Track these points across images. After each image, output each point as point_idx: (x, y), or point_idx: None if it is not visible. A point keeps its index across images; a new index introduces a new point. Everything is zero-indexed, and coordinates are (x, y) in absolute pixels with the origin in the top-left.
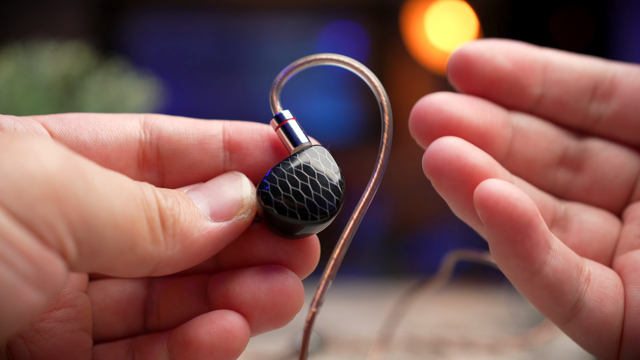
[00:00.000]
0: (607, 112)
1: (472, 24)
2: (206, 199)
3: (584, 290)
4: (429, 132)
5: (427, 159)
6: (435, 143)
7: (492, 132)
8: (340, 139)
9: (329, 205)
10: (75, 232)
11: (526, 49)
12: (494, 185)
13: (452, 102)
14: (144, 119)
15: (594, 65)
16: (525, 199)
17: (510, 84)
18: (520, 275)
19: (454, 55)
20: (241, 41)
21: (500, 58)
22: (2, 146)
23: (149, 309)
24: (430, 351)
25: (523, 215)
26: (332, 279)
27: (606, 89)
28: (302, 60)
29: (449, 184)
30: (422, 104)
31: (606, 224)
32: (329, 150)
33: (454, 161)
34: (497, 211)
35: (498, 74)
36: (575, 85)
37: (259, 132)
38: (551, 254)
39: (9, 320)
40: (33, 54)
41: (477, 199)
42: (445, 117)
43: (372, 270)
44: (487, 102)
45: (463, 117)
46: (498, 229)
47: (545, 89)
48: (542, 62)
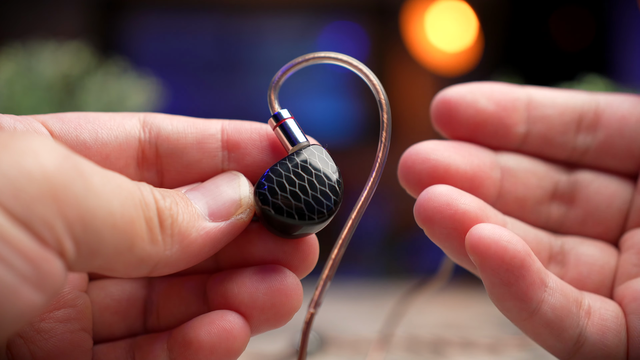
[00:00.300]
0: (594, 143)
1: (472, 24)
2: (204, 198)
3: (585, 325)
4: (418, 181)
5: (418, 208)
6: (424, 192)
7: (481, 175)
8: (340, 138)
9: (327, 205)
10: (74, 231)
11: (507, 88)
12: (484, 230)
13: (438, 150)
14: (143, 118)
15: (576, 98)
16: (516, 240)
17: (495, 125)
18: (519, 315)
19: (437, 101)
20: (241, 41)
21: (483, 101)
22: (1, 145)
23: (149, 308)
24: (430, 351)
25: (515, 257)
26: (331, 280)
27: (591, 121)
28: (300, 58)
29: (441, 232)
30: (409, 154)
31: (603, 255)
32: (326, 150)
33: (445, 209)
34: (489, 255)
35: (481, 116)
36: (559, 119)
37: (258, 131)
38: (548, 291)
39: (8, 320)
40: (33, 54)
41: (469, 245)
42: (432, 166)
43: (372, 270)
44: (473, 145)
45: (450, 164)
46: (491, 272)
47: (529, 127)
48: (524, 100)
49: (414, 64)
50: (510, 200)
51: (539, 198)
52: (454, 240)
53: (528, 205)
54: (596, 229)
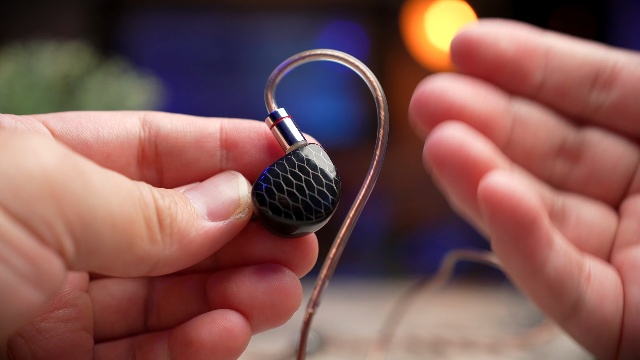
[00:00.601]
0: (607, 101)
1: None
2: (203, 198)
3: (585, 289)
4: (431, 118)
5: (429, 148)
6: (437, 132)
7: (494, 120)
8: (338, 138)
9: (324, 204)
10: (73, 230)
11: (529, 33)
12: (499, 180)
13: (454, 89)
14: (143, 116)
15: (595, 53)
16: (530, 195)
17: (513, 69)
18: (522, 272)
19: (457, 37)
20: (241, 41)
21: (504, 42)
22: (1, 144)
23: (150, 308)
24: (430, 351)
25: (528, 213)
26: (329, 279)
27: (607, 78)
28: (297, 56)
29: (450, 175)
30: (424, 90)
31: (604, 218)
32: (324, 148)
33: (457, 152)
34: (501, 207)
35: (501, 58)
36: (576, 72)
37: (256, 130)
38: (553, 251)
39: (7, 320)
40: (33, 54)
41: (482, 193)
42: (447, 104)
43: (372, 270)
44: (489, 88)
45: (466, 105)
46: (501, 225)
47: (546, 75)
48: (544, 48)
49: (414, 64)
50: (518, 149)
51: (546, 151)
52: (463, 184)
53: (534, 158)
54: (598, 190)
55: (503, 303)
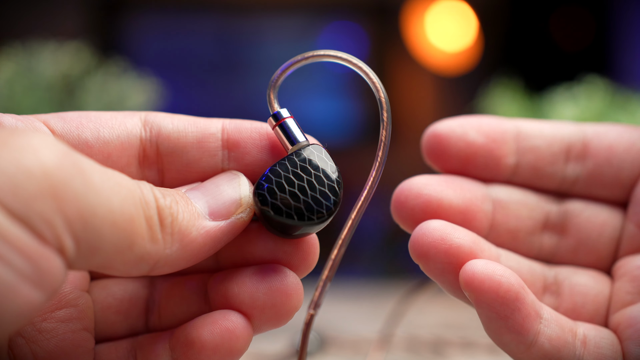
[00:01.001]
0: (583, 172)
1: (472, 24)
2: (204, 198)
3: (582, 354)
4: (411, 216)
5: (412, 244)
6: (418, 228)
7: (473, 208)
8: (340, 138)
9: (326, 205)
10: (73, 228)
11: (496, 121)
12: (477, 265)
13: (430, 185)
14: (144, 117)
15: (564, 129)
16: (509, 274)
17: (485, 157)
18: (517, 349)
19: (427, 135)
20: (241, 41)
21: (472, 133)
22: (1, 142)
23: (151, 308)
24: (431, 351)
25: (509, 291)
26: (330, 281)
27: (579, 150)
28: (300, 57)
29: (436, 267)
30: (402, 189)
31: (597, 283)
32: (326, 149)
33: (439, 244)
34: (483, 290)
35: (472, 149)
36: (548, 150)
37: (258, 130)
38: (543, 323)
39: (7, 319)
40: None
41: (463, 281)
42: (425, 200)
43: (372, 271)
44: (465, 179)
45: (443, 198)
46: (487, 307)
47: (519, 158)
48: (513, 132)
49: (414, 64)
50: (503, 232)
51: (530, 229)
52: (449, 274)
53: (520, 237)
54: (588, 258)
55: None
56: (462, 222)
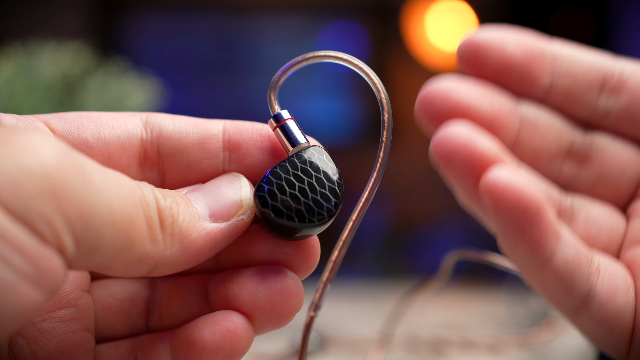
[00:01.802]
0: (616, 107)
1: (472, 24)
2: (205, 199)
3: (595, 282)
4: (437, 117)
5: (435, 144)
6: (443, 129)
7: (500, 120)
8: (340, 139)
9: (327, 207)
10: (73, 228)
11: (536, 39)
12: (500, 174)
13: (460, 88)
14: (145, 117)
15: (602, 60)
16: (532, 187)
17: (520, 73)
18: (530, 264)
19: (465, 42)
20: (241, 41)
21: (511, 46)
22: (1, 141)
23: (151, 308)
24: (431, 351)
25: (530, 203)
26: (331, 282)
27: (615, 84)
28: (300, 57)
29: (457, 171)
30: (430, 90)
31: (612, 218)
32: (327, 151)
33: (463, 148)
34: (503, 200)
35: (508, 62)
36: (584, 77)
37: (259, 132)
38: (561, 243)
39: (7, 319)
40: (33, 54)
41: (483, 187)
42: (453, 103)
43: (372, 270)
44: (495, 89)
45: (471, 104)
46: (505, 218)
47: (554, 80)
48: (551, 53)
49: (414, 64)
50: (525, 150)
51: (553, 153)
52: (469, 180)
53: (542, 158)
54: (606, 193)
55: (503, 303)
56: (487, 131)
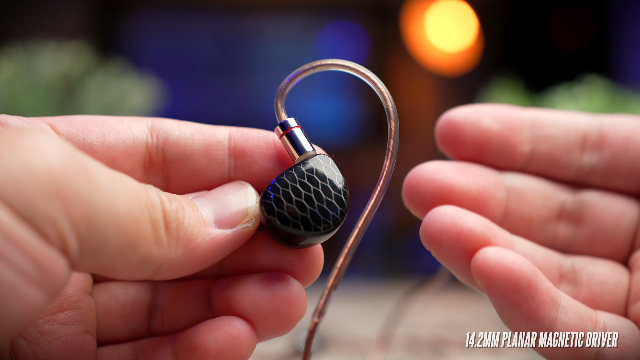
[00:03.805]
0: (600, 163)
1: (472, 24)
2: (211, 205)
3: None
4: (423, 201)
5: (424, 229)
6: (429, 213)
7: (486, 195)
8: (340, 139)
9: (332, 216)
10: (78, 228)
11: (511, 109)
12: (488, 253)
13: (442, 170)
14: (151, 123)
15: (579, 119)
16: (521, 261)
17: (500, 144)
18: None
19: (442, 122)
20: (241, 41)
21: (487, 120)
22: (6, 141)
23: (154, 312)
24: (431, 351)
25: (521, 277)
26: (335, 289)
27: (595, 140)
28: (307, 66)
29: (448, 252)
30: (414, 175)
31: (615, 274)
32: (333, 159)
33: (450, 228)
34: (494, 278)
35: (486, 135)
36: (563, 138)
37: (265, 139)
38: (561, 310)
39: (9, 320)
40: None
41: (474, 269)
42: (437, 186)
43: (372, 271)
44: (478, 166)
45: (455, 184)
46: (499, 294)
47: (534, 146)
48: (528, 120)
49: (414, 64)
50: (517, 219)
51: (545, 217)
52: (461, 260)
53: (535, 225)
54: (604, 249)
55: None
56: (474, 208)
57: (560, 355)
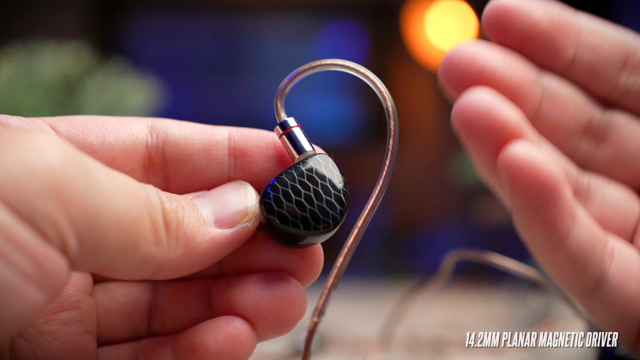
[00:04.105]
0: (636, 85)
1: (472, 24)
2: (211, 205)
3: (608, 266)
4: (461, 81)
5: (457, 110)
6: (467, 94)
7: (523, 89)
8: (340, 139)
9: (332, 215)
10: (77, 228)
11: (564, 9)
12: (519, 149)
13: (486, 54)
14: (151, 123)
15: (626, 36)
16: (551, 164)
17: (546, 42)
18: (544, 244)
19: (492, 6)
20: (241, 41)
21: (538, 13)
22: (6, 141)
23: (154, 312)
24: (431, 351)
25: (548, 180)
26: (335, 288)
27: (637, 62)
28: (307, 65)
29: (477, 139)
30: (455, 53)
31: (628, 201)
32: (332, 159)
33: (485, 115)
34: (521, 176)
35: (535, 29)
36: (607, 52)
37: (264, 139)
38: (576, 224)
39: (9, 320)
40: (33, 54)
41: (502, 162)
42: (478, 68)
43: (372, 271)
44: (520, 58)
45: (496, 70)
46: (522, 193)
47: (578, 53)
48: (577, 25)
49: (414, 64)
50: (545, 123)
51: (572, 128)
52: (488, 150)
53: (560, 133)
54: (622, 173)
55: (503, 303)
56: (510, 100)
57: (565, 269)
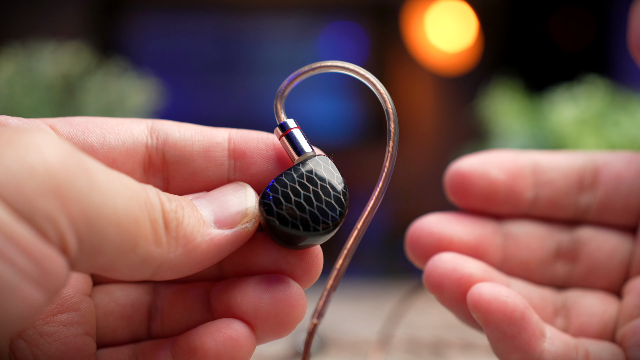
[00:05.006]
0: (594, 201)
1: (472, 24)
2: (210, 206)
3: None
4: (424, 253)
5: (426, 276)
6: (431, 261)
7: (484, 243)
8: (340, 140)
9: (332, 216)
10: (77, 227)
11: (515, 156)
12: (483, 288)
13: (441, 223)
14: (151, 124)
15: (577, 159)
16: (514, 295)
17: (506, 193)
18: None
19: (451, 174)
20: (241, 41)
21: (494, 171)
22: (5, 140)
23: (153, 314)
24: (430, 352)
25: (515, 310)
26: (335, 290)
27: (590, 180)
28: (307, 67)
29: (450, 297)
30: (415, 229)
31: (603, 303)
32: (332, 160)
33: (451, 274)
34: (490, 311)
35: (493, 186)
36: (564, 181)
37: (264, 140)
38: (547, 341)
39: (8, 319)
40: (33, 54)
41: (471, 303)
42: (436, 239)
43: (372, 271)
44: (475, 216)
45: (453, 235)
46: (495, 327)
47: (537, 191)
48: (530, 166)
49: (414, 64)
50: (515, 263)
51: (542, 259)
52: (463, 303)
53: (532, 267)
54: (600, 282)
55: None
56: (474, 256)
57: None
